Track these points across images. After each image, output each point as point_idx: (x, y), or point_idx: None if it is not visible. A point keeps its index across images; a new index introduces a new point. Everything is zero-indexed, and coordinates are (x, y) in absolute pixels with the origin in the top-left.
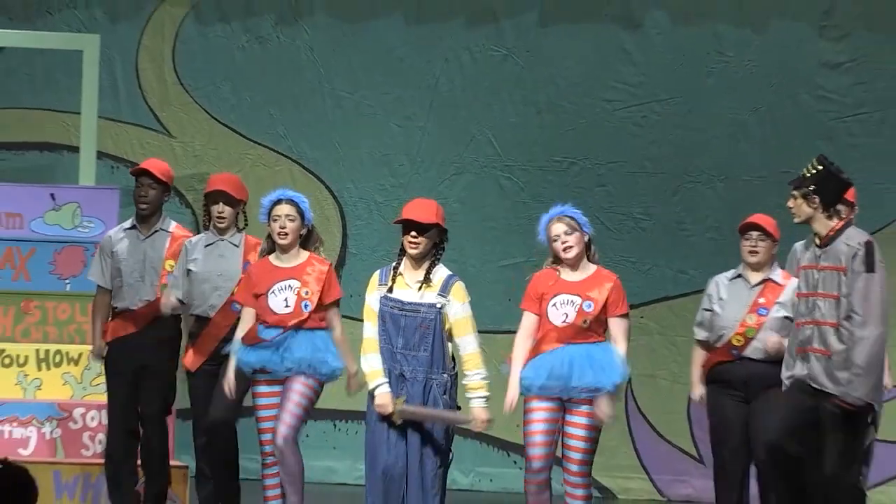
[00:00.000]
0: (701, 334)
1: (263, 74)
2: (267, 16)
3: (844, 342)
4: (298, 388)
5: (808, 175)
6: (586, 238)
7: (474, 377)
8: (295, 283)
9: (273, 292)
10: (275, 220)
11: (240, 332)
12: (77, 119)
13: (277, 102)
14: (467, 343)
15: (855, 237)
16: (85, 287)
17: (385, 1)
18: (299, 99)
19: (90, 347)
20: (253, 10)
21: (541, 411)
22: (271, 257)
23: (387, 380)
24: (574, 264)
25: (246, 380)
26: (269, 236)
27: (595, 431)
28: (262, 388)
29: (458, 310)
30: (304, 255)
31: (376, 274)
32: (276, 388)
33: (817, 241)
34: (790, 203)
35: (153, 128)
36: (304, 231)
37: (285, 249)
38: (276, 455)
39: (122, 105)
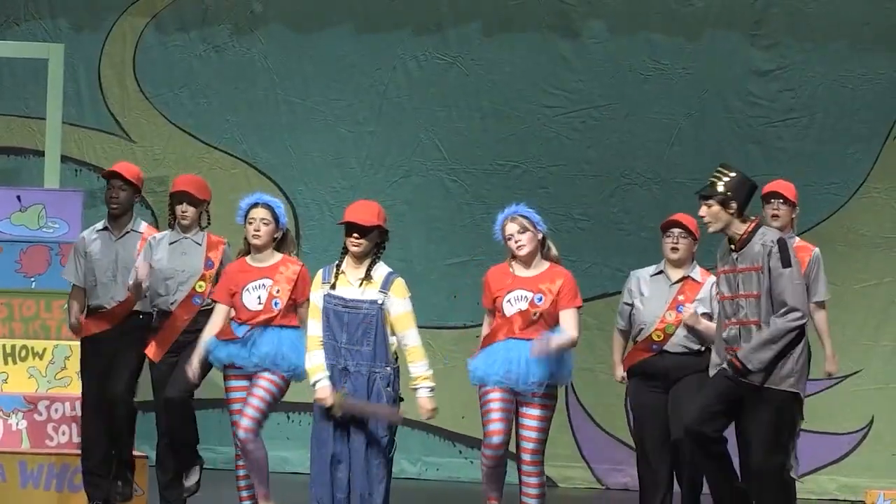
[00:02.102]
0: (620, 324)
1: (220, 82)
2: (223, 26)
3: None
4: (263, 384)
5: (722, 182)
6: (540, 236)
7: (418, 368)
8: (268, 282)
9: (247, 290)
10: (250, 223)
11: (209, 328)
12: (42, 124)
13: (233, 108)
14: (410, 337)
15: (768, 235)
16: (50, 285)
17: (336, 11)
18: (254, 105)
19: (55, 342)
20: (210, 21)
21: (496, 392)
22: (247, 258)
23: (327, 374)
24: (527, 261)
25: (206, 365)
26: (246, 237)
27: (546, 423)
28: (233, 384)
29: (399, 306)
30: (278, 256)
31: (319, 273)
32: (246, 384)
33: (732, 245)
34: (703, 212)
35: (115, 133)
36: (278, 234)
37: (259, 250)
38: (240, 447)
39: (85, 111)
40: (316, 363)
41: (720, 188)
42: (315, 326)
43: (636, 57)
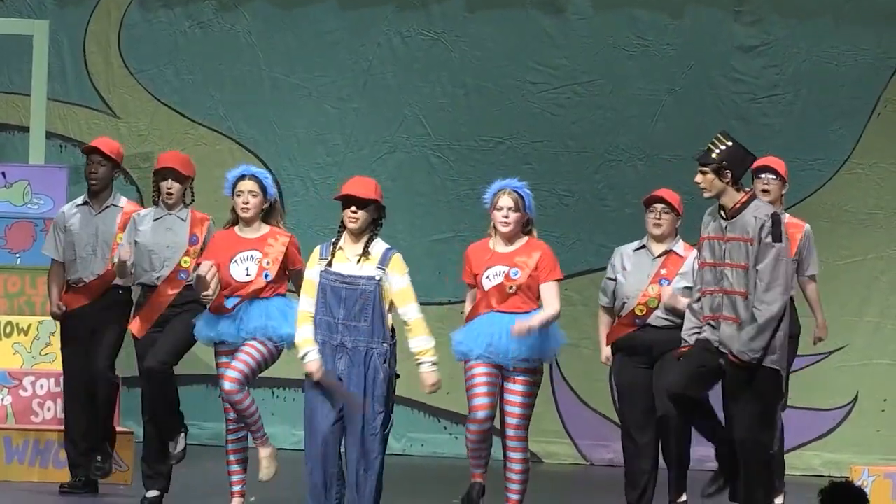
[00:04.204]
0: (604, 300)
1: (204, 58)
2: (208, 2)
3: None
4: (251, 344)
5: (718, 150)
6: (526, 218)
7: (420, 342)
8: (257, 254)
9: (235, 262)
10: (238, 195)
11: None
12: (27, 100)
13: (218, 85)
14: (410, 311)
15: (762, 209)
16: (34, 261)
17: None
18: (239, 81)
19: (40, 319)
20: None
21: (482, 367)
22: (235, 228)
23: (317, 347)
24: (509, 238)
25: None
26: (234, 209)
27: (531, 398)
28: (224, 359)
29: (399, 282)
30: (266, 227)
31: (317, 249)
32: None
33: (723, 213)
34: (699, 178)
35: (100, 109)
36: (266, 205)
37: (248, 222)
38: (226, 399)
39: (70, 87)
40: (305, 337)
41: (714, 156)
42: (307, 302)
43: (620, 33)
